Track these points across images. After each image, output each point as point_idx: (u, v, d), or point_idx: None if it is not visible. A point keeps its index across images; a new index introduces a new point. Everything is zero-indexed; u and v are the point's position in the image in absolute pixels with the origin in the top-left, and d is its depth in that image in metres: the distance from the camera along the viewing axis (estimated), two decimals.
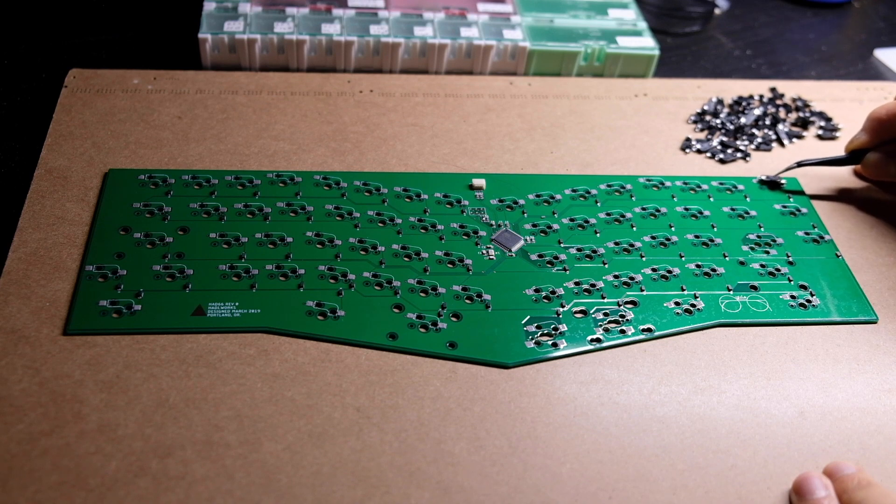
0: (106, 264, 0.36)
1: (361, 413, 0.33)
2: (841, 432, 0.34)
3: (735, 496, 0.32)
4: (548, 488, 0.31)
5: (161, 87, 0.46)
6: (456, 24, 0.51)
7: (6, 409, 0.31)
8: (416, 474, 0.31)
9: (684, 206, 0.43)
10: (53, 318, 0.34)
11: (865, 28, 0.63)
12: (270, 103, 0.46)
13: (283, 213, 0.40)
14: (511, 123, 0.47)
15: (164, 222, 0.39)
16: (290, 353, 0.34)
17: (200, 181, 0.41)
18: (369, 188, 0.42)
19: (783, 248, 0.42)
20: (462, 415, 0.33)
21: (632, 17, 0.54)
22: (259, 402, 0.32)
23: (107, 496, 0.29)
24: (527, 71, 0.51)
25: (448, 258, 0.39)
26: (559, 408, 0.34)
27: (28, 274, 0.36)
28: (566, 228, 0.41)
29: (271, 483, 0.30)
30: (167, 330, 0.34)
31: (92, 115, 0.44)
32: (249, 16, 0.49)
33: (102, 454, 0.30)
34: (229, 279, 0.37)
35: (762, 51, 0.59)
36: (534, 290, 0.38)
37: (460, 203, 0.42)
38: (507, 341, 0.36)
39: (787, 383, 0.36)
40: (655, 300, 0.38)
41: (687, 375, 0.36)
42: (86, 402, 0.32)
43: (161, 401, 0.32)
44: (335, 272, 0.37)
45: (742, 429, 0.34)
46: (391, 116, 0.46)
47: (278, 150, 0.43)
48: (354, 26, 0.50)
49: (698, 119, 0.49)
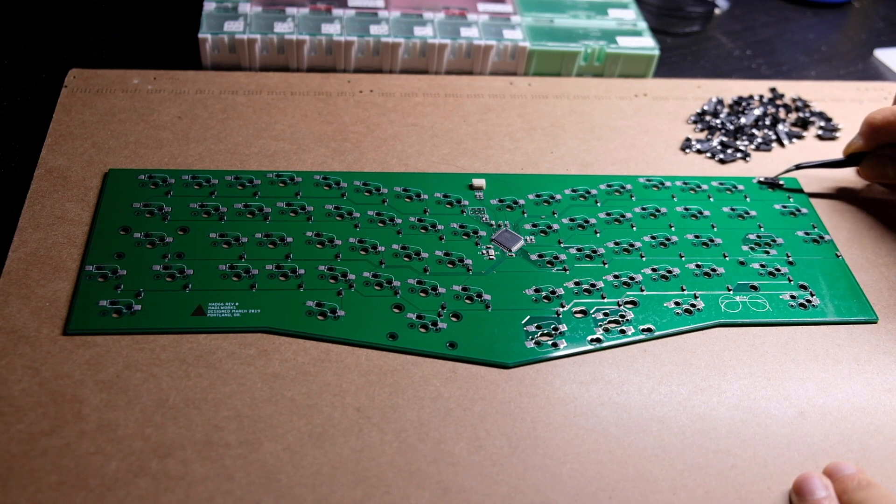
0: (106, 264, 0.36)
1: (361, 413, 0.33)
2: (841, 432, 0.34)
3: (735, 496, 0.32)
4: (548, 488, 0.31)
5: (161, 87, 0.46)
6: (456, 24, 0.51)
7: (6, 409, 0.31)
8: (416, 474, 0.31)
9: (684, 206, 0.43)
10: (53, 317, 0.34)
11: (865, 28, 0.63)
12: (270, 103, 0.46)
13: (283, 213, 0.40)
14: (511, 123, 0.47)
15: (164, 222, 0.39)
16: (290, 353, 0.34)
17: (200, 181, 0.41)
18: (369, 188, 0.42)
19: (783, 248, 0.42)
20: (462, 415, 0.33)
21: (632, 17, 0.54)
22: (259, 402, 0.32)
23: (107, 496, 0.29)
24: (527, 71, 0.51)
25: (448, 258, 0.39)
26: (559, 408, 0.34)
27: (28, 274, 0.36)
28: (566, 228, 0.41)
29: (271, 483, 0.30)
30: (167, 330, 0.34)
31: (92, 115, 0.44)
32: (249, 16, 0.49)
33: (102, 454, 0.30)
34: (229, 279, 0.37)
35: (762, 51, 0.59)
36: (534, 290, 0.38)
37: (460, 203, 0.42)
38: (507, 341, 0.36)
39: (787, 383, 0.36)
40: (655, 300, 0.38)
41: (687, 375, 0.36)
42: (86, 402, 0.32)
43: (161, 401, 0.32)
44: (335, 272, 0.37)
45: (742, 429, 0.34)
46: (391, 116, 0.46)
47: (278, 150, 0.43)
48: (354, 26, 0.50)
49: (698, 119, 0.49)
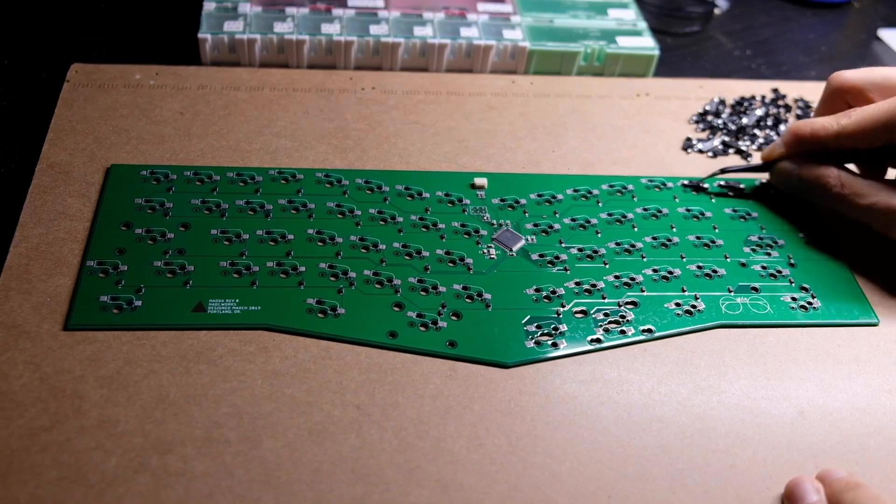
0: (107, 260, 0.36)
1: (361, 411, 0.33)
2: (841, 433, 0.34)
3: (735, 496, 0.32)
4: (547, 487, 0.31)
5: (163, 83, 0.46)
6: (456, 24, 0.51)
7: (6, 405, 0.31)
8: (416, 472, 0.31)
9: (686, 207, 0.43)
10: (54, 313, 0.34)
11: (865, 28, 0.63)
12: (272, 100, 0.46)
13: (285, 211, 0.40)
14: (513, 122, 0.47)
15: (165, 218, 0.39)
16: (291, 350, 0.34)
17: (202, 177, 0.41)
18: (371, 186, 0.42)
19: (784, 249, 0.42)
20: (462, 413, 0.33)
21: (632, 17, 0.54)
22: (259, 399, 0.32)
23: (107, 492, 0.29)
24: (527, 71, 0.51)
25: (449, 257, 0.39)
26: (559, 407, 0.34)
27: (29, 269, 0.36)
28: (567, 228, 0.41)
29: (271, 480, 0.30)
30: (168, 326, 0.34)
31: (93, 111, 0.44)
32: (249, 16, 0.49)
33: (103, 450, 0.30)
34: (230, 276, 0.37)
35: (762, 51, 0.59)
36: (534, 290, 0.38)
37: (462, 202, 0.42)
38: (507, 341, 0.36)
39: (787, 383, 0.36)
40: (656, 301, 0.38)
41: (687, 375, 0.36)
42: (86, 397, 0.32)
43: (161, 397, 0.32)
44: (336, 270, 0.37)
45: (742, 429, 0.34)
46: (393, 114, 0.46)
47: (280, 146, 0.43)
48: (354, 26, 0.50)
49: (700, 119, 0.49)
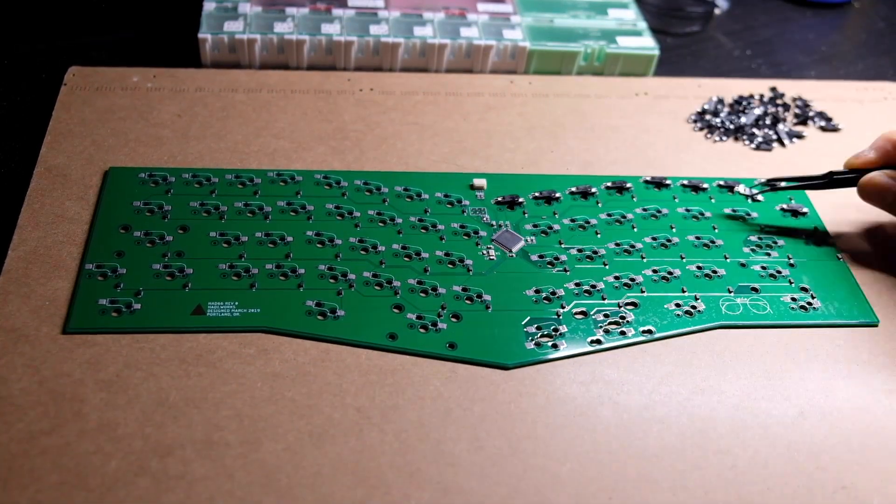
0: (106, 263, 0.36)
1: (361, 413, 0.33)
2: (841, 433, 0.34)
3: (735, 496, 0.32)
4: (548, 489, 0.31)
5: (161, 85, 0.46)
6: (456, 24, 0.51)
7: (6, 409, 0.31)
8: (416, 475, 0.31)
9: (685, 207, 0.43)
10: (53, 316, 0.34)
11: (865, 28, 0.63)
12: (270, 101, 0.46)
13: (284, 213, 0.40)
14: (512, 122, 0.47)
15: (163, 221, 0.38)
16: (290, 352, 0.34)
17: (200, 180, 0.41)
18: (370, 187, 0.42)
19: (784, 250, 0.42)
20: (462, 415, 0.33)
21: (632, 17, 0.54)
22: (259, 402, 0.32)
23: (107, 496, 0.29)
24: (527, 71, 0.51)
25: (448, 258, 0.39)
26: (559, 408, 0.34)
27: (28, 272, 0.36)
28: (567, 229, 0.41)
29: (271, 483, 0.30)
30: (167, 329, 0.34)
31: (92, 113, 0.44)
32: (249, 16, 0.49)
33: (102, 453, 0.30)
34: (229, 278, 0.37)
35: (762, 51, 0.59)
36: (534, 291, 0.38)
37: (461, 203, 0.42)
38: (507, 342, 0.36)
39: (787, 383, 0.36)
40: (656, 301, 0.38)
41: (687, 376, 0.36)
42: (86, 401, 0.32)
43: (161, 400, 0.32)
44: (335, 272, 0.37)
45: (742, 429, 0.34)
46: (391, 115, 0.46)
47: (278, 148, 0.43)
48: (354, 26, 0.50)
49: (699, 118, 0.49)
